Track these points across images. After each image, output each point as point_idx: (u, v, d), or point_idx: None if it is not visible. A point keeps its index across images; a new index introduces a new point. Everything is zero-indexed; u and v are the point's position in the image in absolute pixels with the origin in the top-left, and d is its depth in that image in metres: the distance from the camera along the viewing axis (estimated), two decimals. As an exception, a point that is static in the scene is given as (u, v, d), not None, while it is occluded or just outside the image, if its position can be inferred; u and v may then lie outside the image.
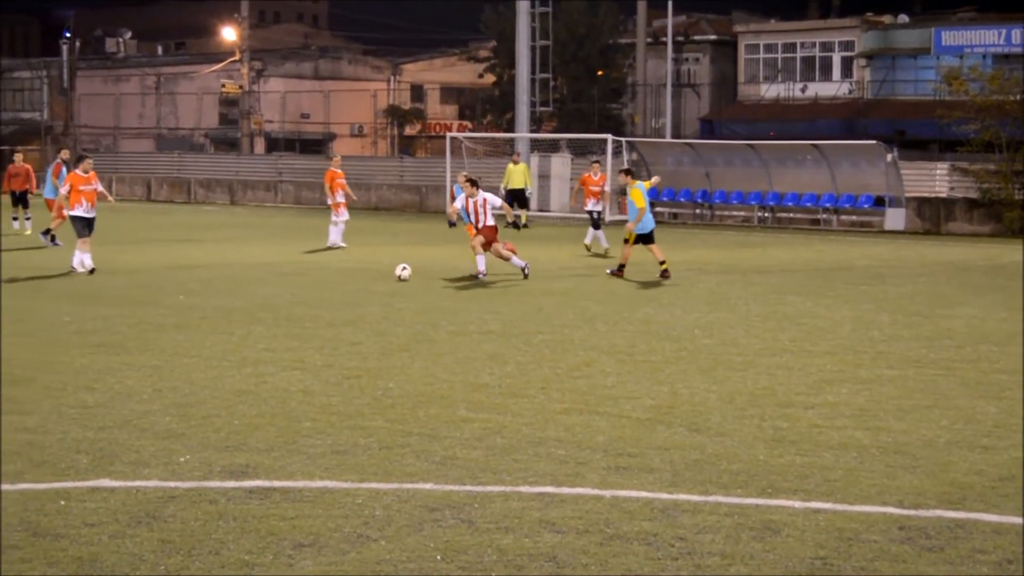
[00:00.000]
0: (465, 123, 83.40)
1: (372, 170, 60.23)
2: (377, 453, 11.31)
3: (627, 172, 28.61)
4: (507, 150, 52.23)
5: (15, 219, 39.39)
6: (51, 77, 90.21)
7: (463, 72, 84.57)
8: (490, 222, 26.78)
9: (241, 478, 10.43)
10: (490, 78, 78.58)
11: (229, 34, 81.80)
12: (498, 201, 27.49)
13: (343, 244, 34.41)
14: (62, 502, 9.70)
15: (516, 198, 45.74)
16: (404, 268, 26.00)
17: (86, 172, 26.91)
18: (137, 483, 10.26)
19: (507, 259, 26.64)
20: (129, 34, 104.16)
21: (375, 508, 9.59)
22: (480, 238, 26.50)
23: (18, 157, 41.94)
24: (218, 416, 12.79)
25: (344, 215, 34.77)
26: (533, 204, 50.64)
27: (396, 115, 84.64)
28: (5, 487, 10.12)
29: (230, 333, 18.51)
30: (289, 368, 15.57)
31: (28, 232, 38.47)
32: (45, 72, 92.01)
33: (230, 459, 11.04)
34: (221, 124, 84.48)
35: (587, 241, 34.47)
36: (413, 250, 34.47)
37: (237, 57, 76.18)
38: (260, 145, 78.61)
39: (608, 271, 27.29)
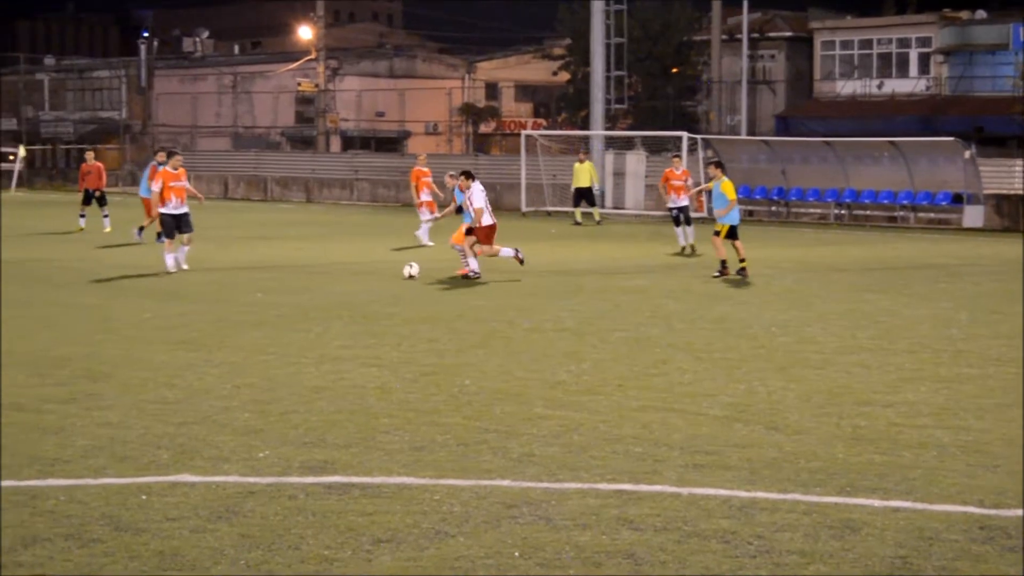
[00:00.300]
0: (540, 121, 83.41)
1: (447, 168, 60.09)
2: (454, 450, 11.34)
3: (717, 164, 27.81)
4: (582, 148, 52.12)
5: (83, 216, 39.64)
6: (129, 77, 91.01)
7: (538, 70, 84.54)
8: (487, 221, 26.14)
9: (320, 474, 10.49)
10: (565, 76, 78.53)
11: (305, 33, 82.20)
12: (479, 201, 26.19)
13: (430, 243, 34.39)
14: (143, 497, 9.80)
15: (583, 196, 45.81)
16: (412, 266, 25.69)
17: (175, 168, 27.03)
18: (217, 478, 10.34)
19: (494, 254, 26.43)
20: (206, 33, 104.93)
21: (453, 504, 9.62)
22: (472, 238, 25.94)
23: (89, 156, 42.30)
24: (296, 412, 12.86)
25: (428, 214, 34.73)
26: (608, 201, 50.59)
27: (471, 113, 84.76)
28: (88, 481, 10.24)
29: (307, 330, 18.61)
30: (367, 365, 15.63)
31: (108, 229, 38.81)
32: (124, 72, 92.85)
33: (309, 455, 11.10)
34: (297, 122, 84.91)
35: (683, 242, 33.34)
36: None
37: (313, 56, 76.53)
38: (336, 143, 78.95)
39: (715, 274, 26.26)
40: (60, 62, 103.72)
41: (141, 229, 34.21)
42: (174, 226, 26.65)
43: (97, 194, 39.92)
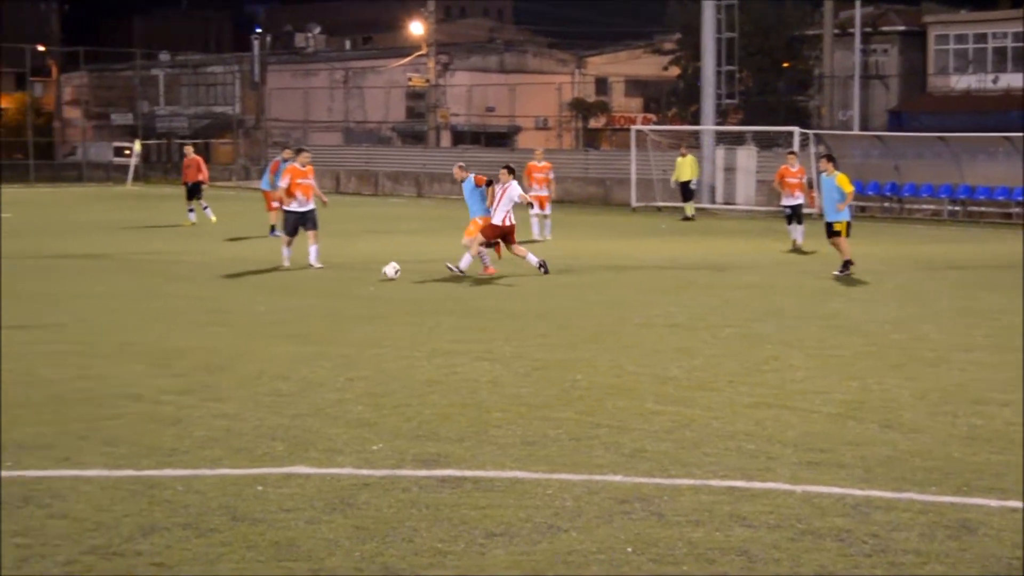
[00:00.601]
0: (650, 116, 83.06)
1: (557, 163, 60.05)
2: (566, 444, 11.34)
3: (828, 158, 27.51)
4: (692, 143, 51.89)
5: (191, 211, 40.08)
6: (243, 72, 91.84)
7: (648, 65, 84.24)
8: (497, 220, 25.57)
9: (433, 467, 10.54)
10: (675, 71, 78.24)
11: (416, 28, 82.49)
12: (509, 200, 25.82)
13: (541, 238, 34.47)
14: (259, 487, 9.90)
15: (683, 190, 45.74)
16: (392, 266, 24.31)
17: (304, 165, 27.13)
18: (331, 470, 10.42)
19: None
20: (318, 29, 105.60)
21: (565, 499, 9.62)
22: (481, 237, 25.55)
23: (188, 150, 42.83)
24: (409, 405, 12.93)
25: (537, 209, 34.76)
26: (718, 197, 50.39)
27: (581, 108, 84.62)
28: (205, 472, 10.37)
29: (420, 324, 18.69)
30: (478, 359, 15.67)
31: (214, 219, 39.28)
32: (237, 67, 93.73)
33: (421, 448, 11.16)
34: (408, 117, 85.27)
35: (797, 239, 32.88)
36: (599, 243, 34.51)
37: (424, 51, 76.82)
38: (446, 138, 79.21)
39: (836, 273, 25.75)
40: (175, 58, 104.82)
41: (273, 228, 34.67)
42: (298, 223, 26.61)
43: (191, 186, 40.27)
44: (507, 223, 25.52)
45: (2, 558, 8.26)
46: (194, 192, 40.25)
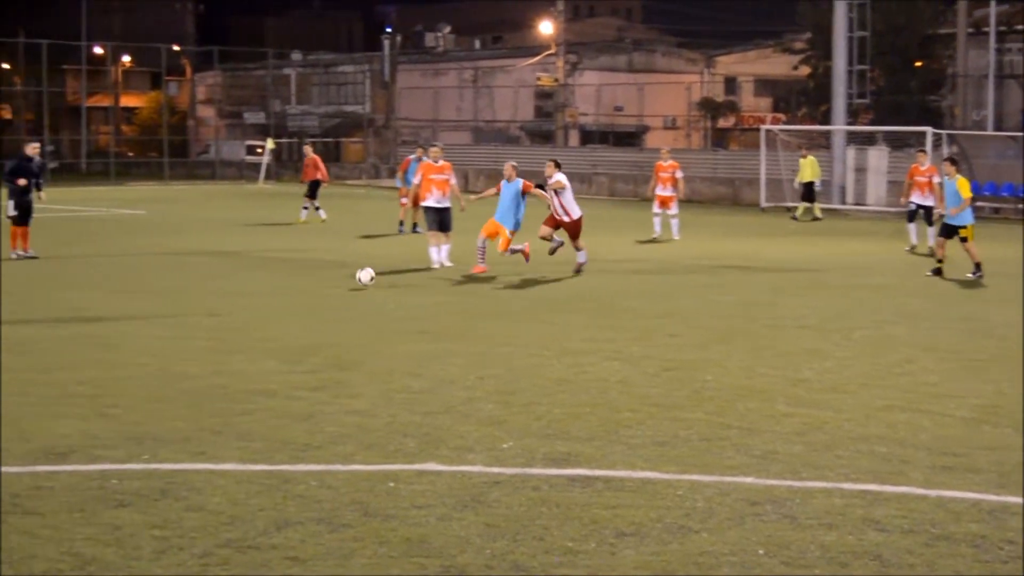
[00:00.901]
0: (779, 115, 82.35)
1: (685, 162, 59.78)
2: (697, 445, 11.30)
3: (952, 161, 27.13)
4: (822, 143, 51.37)
5: (305, 208, 40.40)
6: (373, 71, 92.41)
7: (777, 64, 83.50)
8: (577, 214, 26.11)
9: (563, 466, 10.55)
10: (805, 70, 77.45)
11: (546, 28, 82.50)
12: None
13: (663, 237, 34.38)
14: (391, 484, 9.97)
15: (805, 191, 45.27)
16: (365, 271, 22.72)
17: (437, 161, 27.24)
18: (462, 468, 10.47)
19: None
20: (448, 29, 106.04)
21: (696, 500, 9.59)
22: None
23: (307, 149, 43.33)
24: (539, 404, 12.95)
25: (668, 209, 34.68)
26: (849, 197, 49.88)
27: (709, 108, 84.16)
28: (337, 467, 10.46)
29: (549, 322, 18.72)
30: (608, 358, 15.66)
31: (324, 218, 39.59)
32: (367, 66, 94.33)
33: (551, 447, 11.17)
34: (536, 117, 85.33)
35: (915, 240, 32.52)
36: (728, 243, 34.32)
37: (553, 50, 76.81)
38: (574, 137, 79.15)
39: (970, 275, 25.20)
40: (307, 57, 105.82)
41: (401, 224, 35.01)
42: (436, 219, 26.74)
43: (312, 184, 40.64)
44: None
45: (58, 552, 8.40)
46: (312, 190, 40.63)
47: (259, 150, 79.58)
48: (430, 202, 26.60)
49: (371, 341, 16.96)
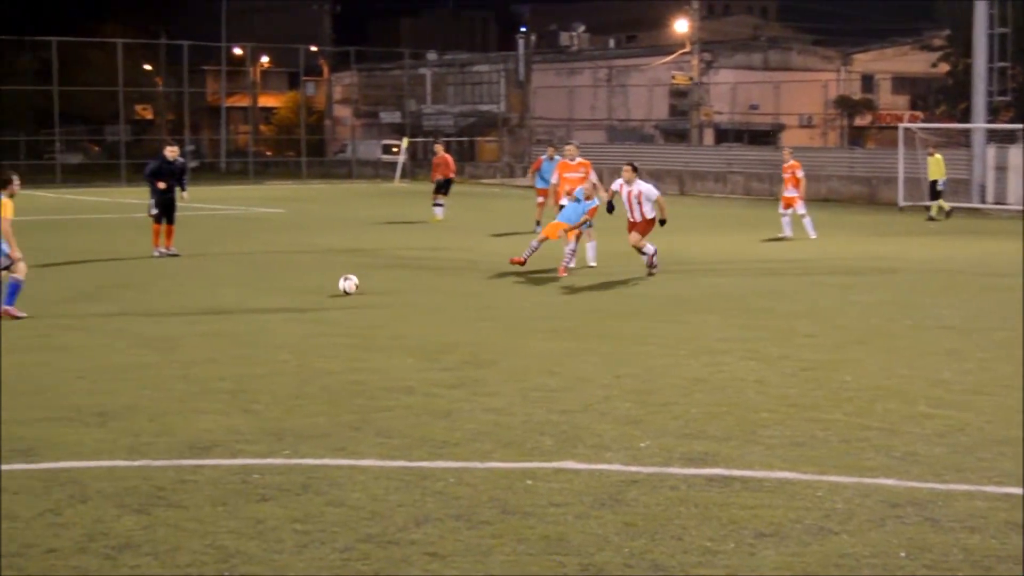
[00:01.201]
0: (916, 113, 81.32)
1: (822, 161, 59.52)
2: (836, 446, 11.18)
3: None
4: (962, 141, 50.64)
5: (437, 205, 40.59)
6: (508, 71, 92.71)
7: (915, 61, 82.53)
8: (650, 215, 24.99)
9: (701, 465, 10.50)
10: (944, 67, 76.47)
11: (680, 26, 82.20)
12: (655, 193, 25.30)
13: (792, 236, 34.09)
14: (529, 481, 9.98)
15: (931, 190, 44.81)
16: (347, 279, 21.67)
17: (573, 159, 27.12)
18: (600, 466, 10.46)
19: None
20: (582, 28, 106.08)
21: (836, 501, 9.49)
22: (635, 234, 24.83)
23: (438, 148, 43.53)
24: (676, 403, 12.90)
25: (794, 209, 34.39)
26: (989, 196, 49.15)
27: (846, 106, 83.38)
28: (475, 464, 10.50)
29: (685, 322, 18.65)
30: (744, 358, 15.56)
31: (439, 218, 39.76)
32: (502, 66, 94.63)
33: (689, 446, 11.13)
34: (671, 115, 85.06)
35: None
36: (865, 243, 33.95)
37: (688, 49, 76.53)
38: (709, 136, 78.80)
39: None
40: (442, 57, 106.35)
41: (538, 223, 35.12)
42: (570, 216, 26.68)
43: (442, 182, 40.94)
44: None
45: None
46: (443, 188, 40.89)
47: (395, 149, 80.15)
48: (565, 200, 26.51)
49: (507, 339, 17.01)
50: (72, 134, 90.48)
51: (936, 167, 44.87)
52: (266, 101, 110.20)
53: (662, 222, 24.76)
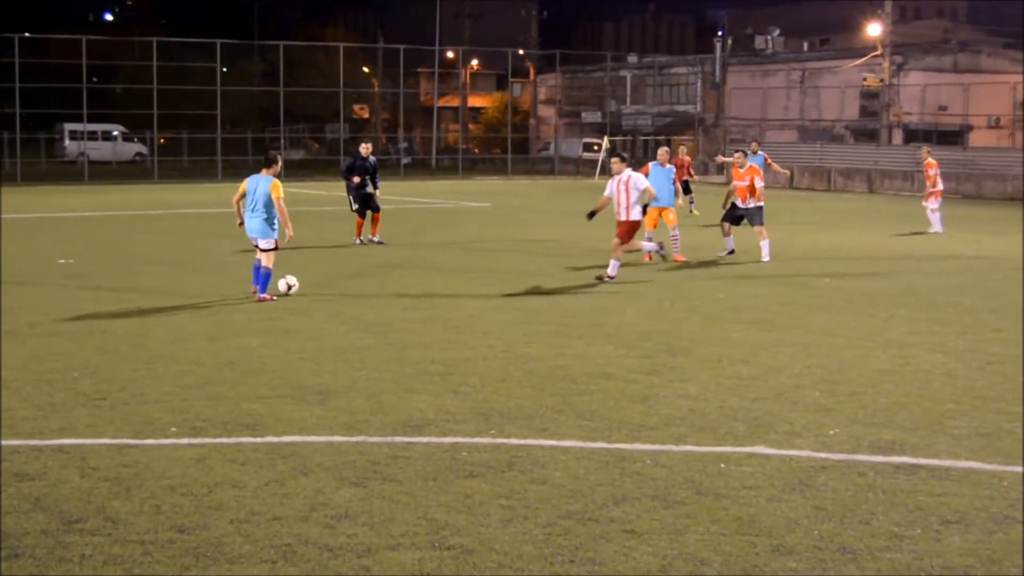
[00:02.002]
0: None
1: (1009, 161, 58.16)
2: (1021, 438, 10.91)
3: None
4: None
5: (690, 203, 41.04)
6: (704, 73, 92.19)
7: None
8: (634, 216, 23.00)
9: (888, 453, 10.35)
10: None
11: (873, 30, 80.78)
12: (643, 182, 23.22)
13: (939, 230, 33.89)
14: (722, 465, 9.94)
15: None
16: (287, 279, 20.22)
17: (742, 167, 26.87)
18: (790, 452, 10.37)
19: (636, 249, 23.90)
20: (777, 31, 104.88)
21: (1021, 491, 9.27)
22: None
23: (682, 150, 43.66)
24: (864, 393, 12.73)
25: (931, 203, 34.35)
26: None
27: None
28: (671, 447, 10.48)
29: (874, 315, 18.37)
30: (932, 351, 15.27)
31: (696, 213, 39.91)
32: (699, 68, 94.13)
33: (877, 435, 10.97)
34: (861, 116, 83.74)
35: None
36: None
37: (879, 52, 75.25)
38: (897, 136, 77.39)
39: None
40: (641, 60, 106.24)
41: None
42: (736, 217, 26.67)
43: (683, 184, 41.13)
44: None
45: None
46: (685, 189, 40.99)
47: (596, 147, 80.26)
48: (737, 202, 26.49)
49: (702, 329, 16.94)
50: (295, 132, 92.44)
51: None
52: (475, 101, 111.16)
53: (590, 214, 23.72)
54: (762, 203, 26.38)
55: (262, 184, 19.55)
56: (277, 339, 15.79)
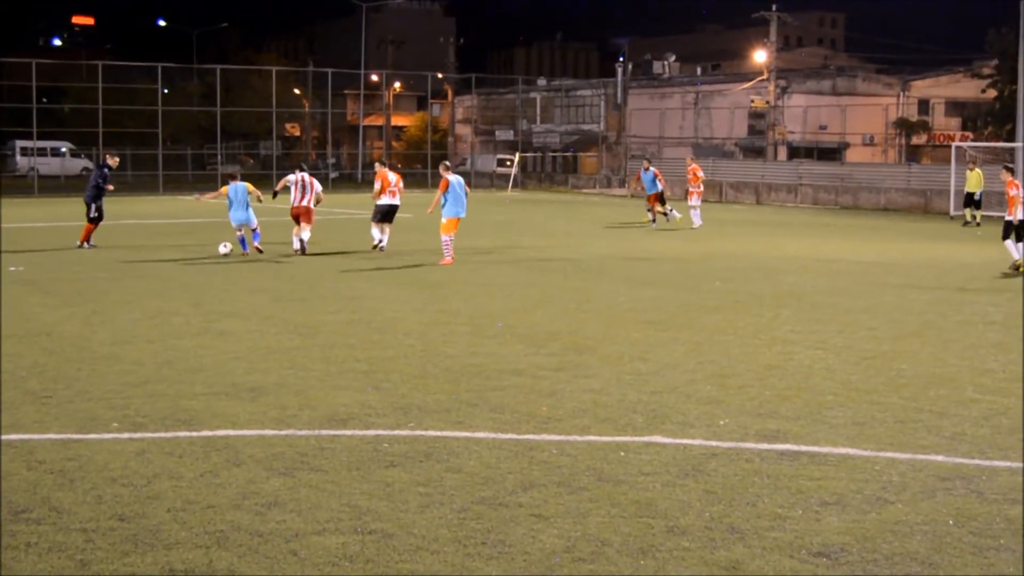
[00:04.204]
0: (967, 134, 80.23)
1: (882, 175, 58.88)
2: (892, 426, 11.04)
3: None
4: (1006, 159, 49.68)
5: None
6: (607, 95, 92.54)
7: (967, 88, 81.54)
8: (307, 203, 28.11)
9: (773, 441, 10.41)
10: (992, 93, 75.33)
11: (759, 56, 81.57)
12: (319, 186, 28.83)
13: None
14: (622, 453, 9.95)
15: (967, 199, 44.23)
16: (225, 245, 27.64)
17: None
18: (684, 440, 10.40)
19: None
20: (673, 58, 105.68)
21: (892, 475, 9.37)
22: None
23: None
24: (751, 386, 12.80)
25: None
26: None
27: (904, 127, 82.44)
28: (575, 438, 10.47)
29: (760, 315, 18.48)
30: (812, 347, 15.39)
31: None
32: (603, 91, 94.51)
33: (763, 424, 11.03)
34: (749, 134, 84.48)
35: None
36: (920, 246, 33.46)
37: (765, 76, 75.97)
38: (782, 153, 78.12)
39: None
40: (550, 83, 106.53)
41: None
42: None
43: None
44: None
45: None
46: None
47: (508, 163, 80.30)
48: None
49: (604, 329, 16.95)
50: (232, 148, 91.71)
51: (975, 180, 44.35)
52: (398, 120, 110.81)
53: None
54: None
55: (240, 187, 27.37)
56: (212, 340, 15.63)
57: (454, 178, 26.12)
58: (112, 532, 7.86)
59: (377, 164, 31.36)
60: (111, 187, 30.56)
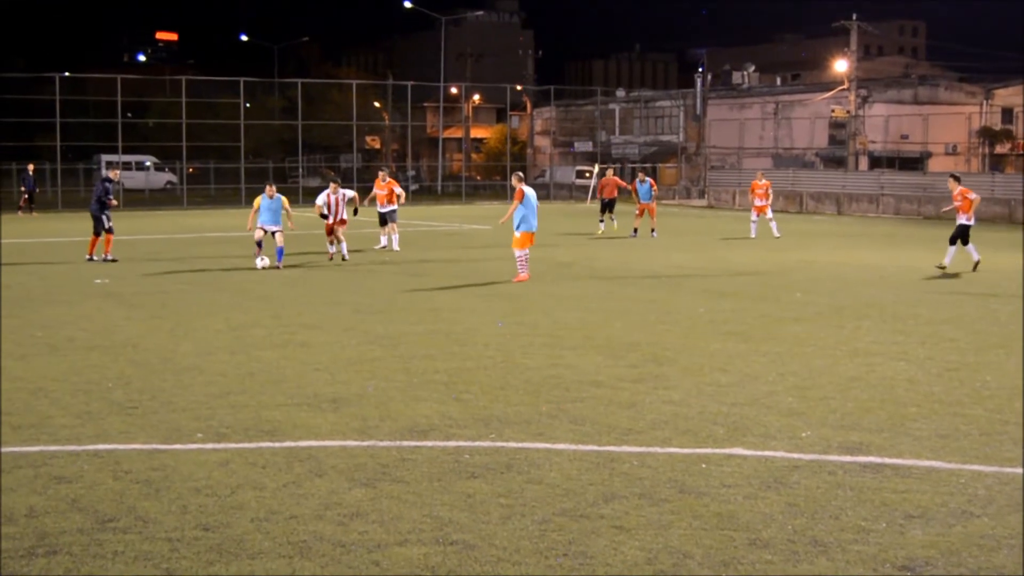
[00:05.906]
0: (1052, 142, 79.16)
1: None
2: (977, 439, 10.89)
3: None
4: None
5: (602, 221, 42.53)
6: (686, 106, 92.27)
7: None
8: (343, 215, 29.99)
9: (856, 454, 10.30)
10: (1079, 101, 74.31)
11: (840, 66, 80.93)
12: (351, 193, 31.39)
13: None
14: (703, 465, 9.90)
15: None
16: (262, 259, 27.96)
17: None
18: (766, 453, 10.32)
19: None
20: (752, 68, 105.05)
21: (977, 488, 9.25)
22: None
23: (609, 172, 44.27)
24: (833, 398, 12.69)
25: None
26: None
27: (987, 135, 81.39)
28: (656, 449, 10.42)
29: (841, 327, 18.31)
30: (895, 359, 15.23)
31: (602, 232, 40.64)
32: (681, 101, 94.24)
33: (845, 436, 10.93)
34: (830, 144, 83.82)
35: None
36: (1007, 256, 32.99)
37: (846, 86, 75.36)
38: (863, 163, 77.43)
39: None
40: (629, 94, 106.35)
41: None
42: None
43: (609, 201, 42.09)
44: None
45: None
46: (608, 206, 41.60)
47: (587, 174, 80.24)
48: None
49: (684, 340, 16.88)
50: (312, 161, 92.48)
51: None
52: (477, 133, 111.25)
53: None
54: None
55: (276, 201, 28.24)
56: (294, 352, 15.75)
57: (528, 190, 25.96)
58: (197, 541, 7.94)
59: (382, 173, 34.02)
60: (114, 201, 30.87)
